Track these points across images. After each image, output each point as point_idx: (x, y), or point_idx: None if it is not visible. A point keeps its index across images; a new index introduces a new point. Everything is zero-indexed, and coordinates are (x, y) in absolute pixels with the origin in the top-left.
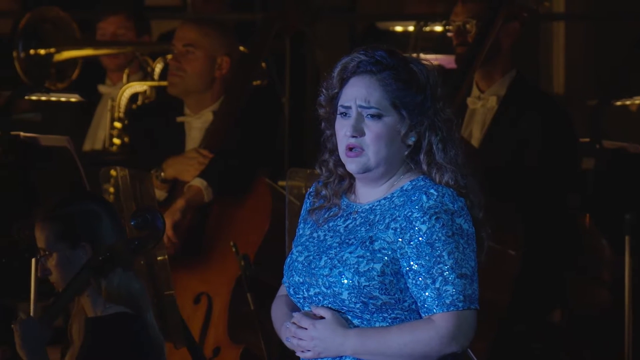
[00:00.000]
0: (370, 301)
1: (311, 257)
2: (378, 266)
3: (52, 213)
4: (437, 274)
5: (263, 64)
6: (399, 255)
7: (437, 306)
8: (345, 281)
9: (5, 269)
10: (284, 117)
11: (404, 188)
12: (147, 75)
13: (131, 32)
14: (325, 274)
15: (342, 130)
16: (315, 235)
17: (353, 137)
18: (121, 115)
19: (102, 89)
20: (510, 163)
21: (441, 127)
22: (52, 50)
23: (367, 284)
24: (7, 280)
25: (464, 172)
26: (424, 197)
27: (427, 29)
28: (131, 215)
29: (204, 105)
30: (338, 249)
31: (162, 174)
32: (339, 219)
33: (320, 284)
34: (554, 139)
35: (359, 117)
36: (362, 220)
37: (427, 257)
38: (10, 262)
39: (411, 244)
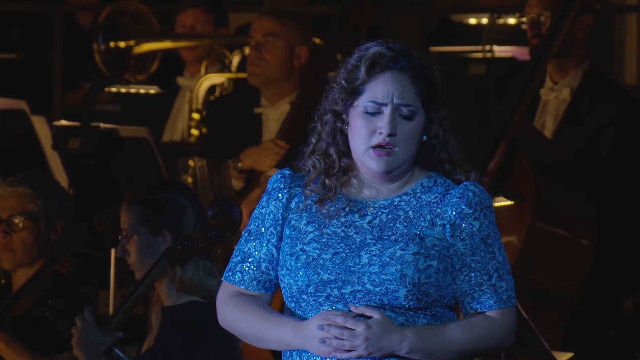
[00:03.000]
0: (424, 298)
1: (344, 254)
2: (435, 263)
3: (141, 197)
4: (492, 270)
5: (339, 56)
6: (451, 252)
7: (495, 302)
8: (406, 279)
9: (86, 259)
10: None
11: (424, 184)
12: (224, 67)
13: (209, 25)
14: (374, 271)
15: (370, 127)
16: (328, 231)
17: (390, 135)
18: (199, 106)
19: (180, 81)
20: (583, 153)
21: (450, 125)
22: (132, 42)
23: (426, 281)
24: (88, 269)
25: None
26: (470, 194)
27: (501, 21)
28: (209, 205)
29: (281, 97)
30: (379, 245)
31: (239, 164)
32: (351, 214)
33: (366, 281)
34: (628, 129)
35: (393, 115)
36: (391, 217)
37: (482, 254)
38: (90, 252)
39: (465, 241)
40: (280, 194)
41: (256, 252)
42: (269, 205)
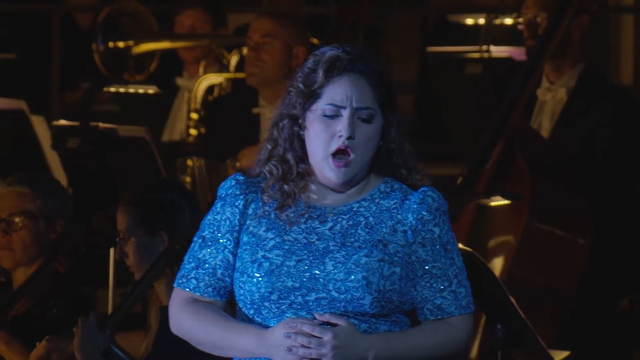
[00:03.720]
0: (388, 305)
1: (308, 262)
2: (398, 270)
3: (137, 199)
4: (452, 276)
5: None
6: (413, 259)
7: (455, 308)
8: (371, 286)
9: (85, 258)
10: None
11: (381, 190)
12: (223, 68)
13: (208, 25)
14: (339, 278)
15: (329, 130)
16: (289, 237)
17: (349, 138)
18: (198, 106)
19: (179, 81)
20: (580, 153)
21: (405, 130)
22: (131, 43)
23: (391, 287)
24: (86, 269)
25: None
26: (430, 200)
27: (498, 21)
28: (207, 206)
29: (279, 97)
30: (344, 252)
31: (238, 164)
32: (311, 220)
33: (331, 288)
34: (623, 128)
35: (352, 118)
36: (352, 223)
37: (442, 260)
38: (89, 251)
39: (426, 247)
40: (236, 201)
41: (211, 259)
42: (224, 211)
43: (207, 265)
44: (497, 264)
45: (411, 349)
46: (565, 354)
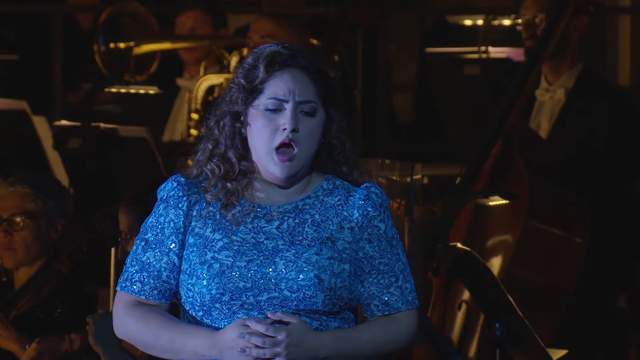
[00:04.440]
0: (338, 302)
1: (258, 262)
2: (347, 266)
3: (138, 198)
4: (398, 272)
5: (336, 57)
6: (360, 255)
7: (402, 304)
8: (323, 284)
9: (87, 257)
10: (355, 108)
11: (324, 187)
12: (223, 68)
13: (208, 26)
14: (291, 277)
15: (272, 125)
16: (237, 238)
17: (293, 130)
18: (198, 107)
19: (180, 81)
20: (577, 153)
21: (346, 127)
22: (132, 44)
23: (341, 285)
24: (88, 268)
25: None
26: (374, 196)
27: (496, 22)
28: None
29: None
30: (293, 251)
31: None
32: (257, 219)
33: (283, 287)
34: (621, 128)
35: (295, 111)
36: (299, 221)
37: (389, 256)
38: (90, 251)
39: (373, 243)
40: (179, 202)
41: (155, 262)
42: (167, 213)
43: (151, 268)
44: (496, 264)
45: (361, 344)
46: (563, 352)
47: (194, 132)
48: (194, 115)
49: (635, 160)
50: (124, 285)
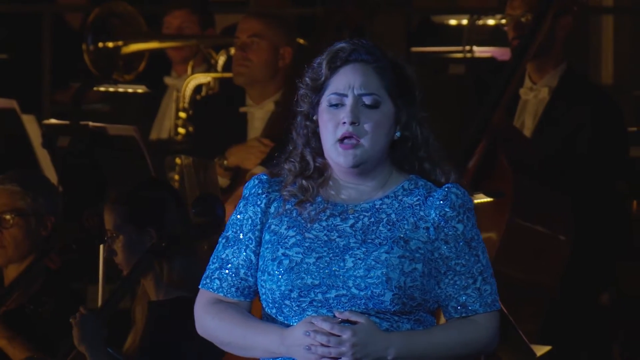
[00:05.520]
0: (409, 302)
1: (327, 259)
2: (420, 266)
3: (123, 197)
4: (477, 274)
5: None
6: (436, 256)
7: (480, 306)
8: (391, 282)
9: (76, 255)
10: None
11: (405, 187)
12: (210, 67)
13: (195, 26)
14: (359, 275)
15: (334, 119)
16: (310, 235)
17: (352, 123)
18: (186, 105)
19: (167, 80)
20: (561, 151)
21: (428, 124)
22: (120, 43)
23: (412, 284)
24: (77, 265)
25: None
26: (453, 196)
27: (480, 22)
28: (192, 203)
29: (266, 96)
30: (364, 249)
31: (225, 162)
32: (332, 218)
33: (351, 285)
34: (604, 128)
35: (356, 105)
36: (374, 220)
37: (466, 257)
38: (79, 249)
39: (449, 244)
40: (258, 200)
41: (234, 259)
42: (247, 210)
43: (229, 265)
44: None
45: (433, 347)
46: (547, 348)
47: (181, 130)
48: (182, 114)
49: (618, 158)
50: (204, 282)
